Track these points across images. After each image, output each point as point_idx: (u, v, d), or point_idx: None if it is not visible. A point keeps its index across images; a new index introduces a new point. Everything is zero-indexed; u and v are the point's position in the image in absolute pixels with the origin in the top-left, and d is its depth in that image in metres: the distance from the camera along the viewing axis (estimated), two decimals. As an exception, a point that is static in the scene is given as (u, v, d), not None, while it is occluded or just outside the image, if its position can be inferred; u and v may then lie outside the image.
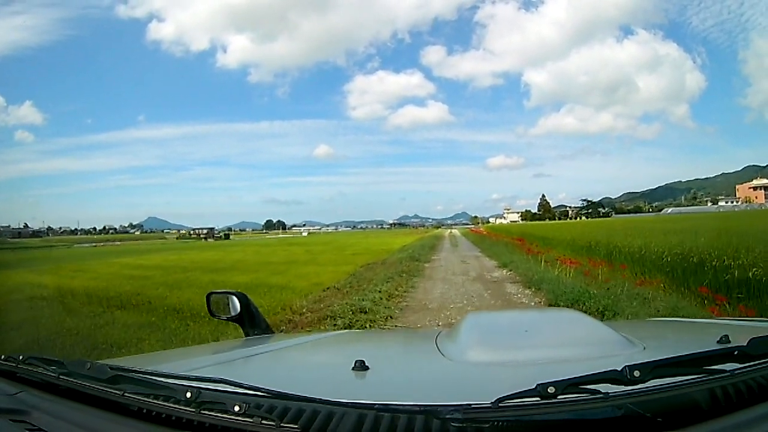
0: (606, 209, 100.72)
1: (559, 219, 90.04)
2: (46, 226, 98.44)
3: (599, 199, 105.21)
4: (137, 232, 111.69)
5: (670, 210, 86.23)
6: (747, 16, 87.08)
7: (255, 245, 36.70)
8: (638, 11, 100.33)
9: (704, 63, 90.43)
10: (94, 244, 62.00)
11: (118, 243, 68.08)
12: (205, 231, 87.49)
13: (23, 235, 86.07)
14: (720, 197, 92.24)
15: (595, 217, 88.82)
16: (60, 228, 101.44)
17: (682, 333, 1.58)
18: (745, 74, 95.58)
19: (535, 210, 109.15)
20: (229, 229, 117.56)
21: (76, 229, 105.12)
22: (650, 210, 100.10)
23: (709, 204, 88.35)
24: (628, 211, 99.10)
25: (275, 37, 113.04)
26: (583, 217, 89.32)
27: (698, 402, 0.68)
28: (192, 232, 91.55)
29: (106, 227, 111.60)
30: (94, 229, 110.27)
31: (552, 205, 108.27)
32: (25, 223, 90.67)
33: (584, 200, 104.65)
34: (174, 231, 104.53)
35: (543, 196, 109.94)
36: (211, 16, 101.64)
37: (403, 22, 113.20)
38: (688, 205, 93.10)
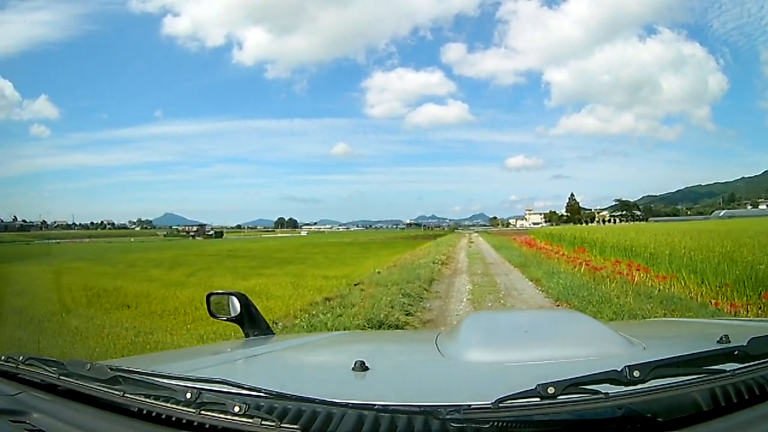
0: (641, 212, 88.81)
1: (587, 222, 79.05)
2: (41, 220, 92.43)
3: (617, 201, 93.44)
4: (137, 228, 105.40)
5: (722, 213, 74.87)
6: (767, 20, 77.60)
7: (198, 249, 32.70)
8: (663, 9, 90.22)
9: (727, 65, 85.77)
10: (57, 240, 55.37)
11: (87, 240, 61.66)
12: (194, 229, 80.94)
13: (10, 229, 79.83)
14: (760, 200, 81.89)
15: (631, 220, 77.66)
16: (54, 222, 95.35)
17: (682, 333, 1.59)
18: (767, 77, 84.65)
19: (556, 211, 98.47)
20: (239, 226, 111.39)
21: (72, 224, 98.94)
22: (688, 213, 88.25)
23: (749, 207, 77.47)
24: (665, 214, 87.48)
25: (293, 32, 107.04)
26: (617, 221, 78.17)
27: (698, 402, 0.68)
28: (181, 229, 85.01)
29: (104, 222, 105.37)
30: (92, 224, 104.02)
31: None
32: (15, 216, 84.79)
33: (617, 200, 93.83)
34: (187, 227, 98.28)
35: (572, 195, 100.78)
36: (226, 10, 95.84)
37: (424, 18, 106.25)
38: (727, 208, 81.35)
